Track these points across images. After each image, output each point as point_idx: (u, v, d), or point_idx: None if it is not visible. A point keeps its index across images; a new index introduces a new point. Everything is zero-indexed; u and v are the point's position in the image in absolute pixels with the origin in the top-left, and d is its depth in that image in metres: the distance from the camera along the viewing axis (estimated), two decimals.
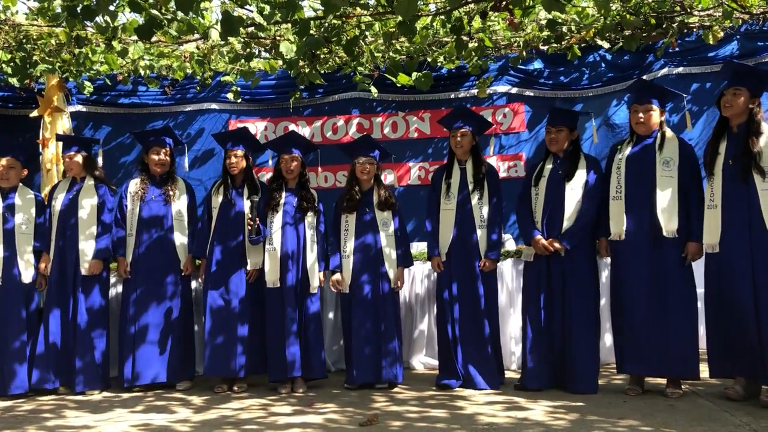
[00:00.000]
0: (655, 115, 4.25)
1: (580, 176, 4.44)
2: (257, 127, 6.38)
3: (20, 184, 5.00)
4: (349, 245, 4.77)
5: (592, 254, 4.51)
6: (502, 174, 5.74)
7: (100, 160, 5.36)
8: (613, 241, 4.30)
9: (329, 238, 4.88)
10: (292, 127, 6.26)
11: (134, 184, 4.98)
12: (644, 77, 5.62)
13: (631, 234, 4.21)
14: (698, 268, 4.26)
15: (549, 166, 4.55)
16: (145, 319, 4.82)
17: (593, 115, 5.46)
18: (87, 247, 4.81)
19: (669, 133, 4.28)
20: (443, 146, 6.23)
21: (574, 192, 4.43)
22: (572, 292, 4.37)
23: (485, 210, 4.65)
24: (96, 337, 4.81)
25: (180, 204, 4.96)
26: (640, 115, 4.26)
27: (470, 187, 4.67)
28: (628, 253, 4.22)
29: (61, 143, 5.76)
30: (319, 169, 5.86)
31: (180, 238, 4.92)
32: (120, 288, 5.14)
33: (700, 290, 4.23)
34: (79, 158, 4.95)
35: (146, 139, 5.05)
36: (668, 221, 4.12)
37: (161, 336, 4.84)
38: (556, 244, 4.38)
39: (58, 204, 4.90)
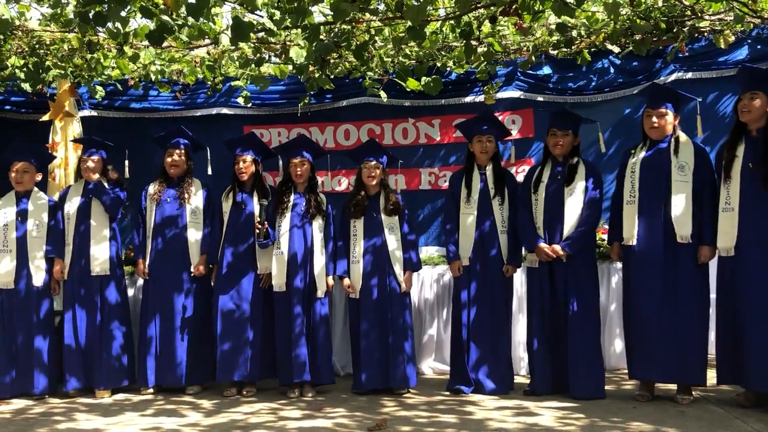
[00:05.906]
0: (669, 120, 4.22)
1: (580, 182, 4.43)
2: (270, 133, 6.40)
3: (34, 188, 5.04)
4: (357, 250, 4.77)
5: (592, 260, 4.51)
6: None
7: (126, 171, 5.41)
8: (626, 245, 4.27)
9: (338, 243, 4.89)
10: (304, 132, 6.27)
11: (153, 186, 5.05)
12: (655, 82, 5.59)
13: (643, 239, 4.19)
14: (712, 273, 4.22)
15: (548, 171, 4.54)
16: (163, 322, 4.87)
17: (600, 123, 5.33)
18: (101, 249, 4.85)
19: (683, 137, 4.25)
20: (453, 152, 6.22)
21: (574, 197, 4.42)
22: (574, 297, 4.36)
23: (507, 215, 4.65)
24: (117, 336, 4.86)
25: (196, 201, 4.99)
26: (654, 119, 4.23)
27: (491, 192, 4.67)
28: (640, 257, 4.19)
29: (71, 148, 5.82)
30: (330, 173, 5.85)
31: (194, 235, 4.94)
32: (133, 289, 5.22)
33: (713, 296, 4.21)
34: (98, 161, 4.98)
35: (161, 141, 5.12)
36: (682, 226, 4.10)
37: (177, 338, 4.87)
38: (559, 250, 4.37)
39: (72, 207, 4.93)
